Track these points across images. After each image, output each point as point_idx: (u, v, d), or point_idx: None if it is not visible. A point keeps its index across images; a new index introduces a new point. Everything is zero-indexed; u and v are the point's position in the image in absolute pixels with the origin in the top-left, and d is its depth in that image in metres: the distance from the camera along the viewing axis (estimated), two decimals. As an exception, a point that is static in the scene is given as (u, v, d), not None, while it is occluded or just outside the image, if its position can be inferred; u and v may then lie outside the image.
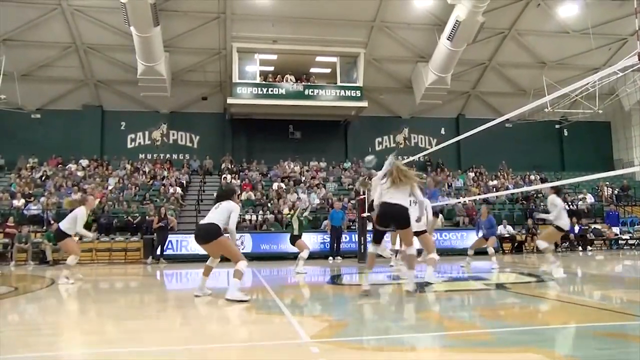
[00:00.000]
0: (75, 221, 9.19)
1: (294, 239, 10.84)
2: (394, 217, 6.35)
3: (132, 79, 21.44)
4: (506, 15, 21.64)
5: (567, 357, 3.31)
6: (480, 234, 11.60)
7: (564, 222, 8.71)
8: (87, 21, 20.52)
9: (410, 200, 6.57)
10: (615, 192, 23.22)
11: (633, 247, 19.32)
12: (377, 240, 6.57)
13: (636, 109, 24.47)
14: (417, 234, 7.50)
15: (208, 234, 6.37)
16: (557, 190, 9.10)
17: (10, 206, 17.94)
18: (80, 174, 21.39)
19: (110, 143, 23.79)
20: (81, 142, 23.07)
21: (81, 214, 9.23)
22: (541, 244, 8.82)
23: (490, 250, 11.37)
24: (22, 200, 18.27)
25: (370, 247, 6.61)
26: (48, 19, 20.27)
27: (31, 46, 20.97)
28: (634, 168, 9.81)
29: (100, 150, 23.56)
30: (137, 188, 20.61)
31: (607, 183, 23.42)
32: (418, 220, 6.94)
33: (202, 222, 6.67)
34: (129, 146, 24.19)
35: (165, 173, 22.10)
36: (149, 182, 21.37)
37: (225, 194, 6.78)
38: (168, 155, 24.14)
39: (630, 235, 19.82)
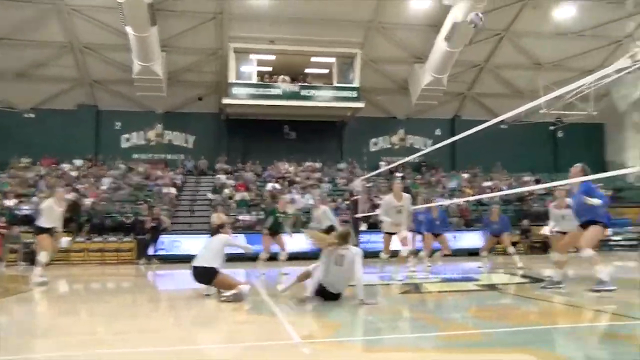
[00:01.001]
0: (40, 214, 8.95)
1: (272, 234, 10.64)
2: None
3: (128, 78, 21.35)
4: (503, 16, 21.67)
5: (560, 357, 3.30)
6: (485, 233, 11.72)
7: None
8: (84, 20, 20.43)
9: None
10: (609, 193, 23.28)
11: (625, 248, 19.39)
12: None
13: (630, 111, 24.56)
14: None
15: (205, 278, 6.48)
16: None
17: (2, 206, 17.83)
18: (74, 173, 21.28)
19: (105, 143, 23.69)
20: (75, 141, 22.91)
21: (46, 206, 8.95)
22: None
23: (511, 249, 11.54)
24: (15, 200, 18.16)
25: None
26: (44, 18, 20.17)
27: (26, 45, 20.83)
28: (626, 170, 9.82)
29: (94, 150, 23.45)
30: (131, 188, 20.52)
31: (600, 185, 23.45)
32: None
33: (196, 263, 6.61)
34: (124, 146, 24.10)
35: (160, 173, 22.03)
36: (143, 182, 21.28)
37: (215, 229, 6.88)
38: (163, 156, 24.06)
39: (623, 236, 19.89)
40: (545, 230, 10.18)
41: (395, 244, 9.30)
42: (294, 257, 11.61)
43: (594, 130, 27.36)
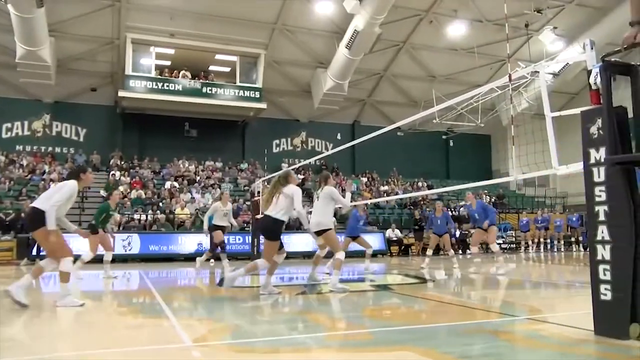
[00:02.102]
0: None
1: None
2: None
3: (10, 62, 19.58)
4: (402, 29, 22.69)
5: (440, 353, 3.52)
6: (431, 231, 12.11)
7: None
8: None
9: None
10: (493, 200, 25.23)
11: (505, 250, 21.07)
12: None
13: (511, 124, 26.73)
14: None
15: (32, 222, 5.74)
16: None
17: None
18: (-57, 164, 19.19)
19: (-18, 132, 21.62)
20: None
21: None
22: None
23: (451, 252, 12.01)
24: None
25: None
26: None
27: None
28: (508, 178, 10.83)
29: (-32, 139, 21.32)
30: (12, 182, 18.90)
31: (486, 191, 25.37)
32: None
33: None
34: (4, 136, 22.13)
35: (47, 167, 20.49)
36: (26, 176, 19.69)
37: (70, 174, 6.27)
38: (50, 148, 22.42)
39: (504, 240, 21.61)
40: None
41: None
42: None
43: (482, 141, 29.55)
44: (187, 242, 16.51)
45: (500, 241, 21.54)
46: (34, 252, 14.51)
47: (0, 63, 20.44)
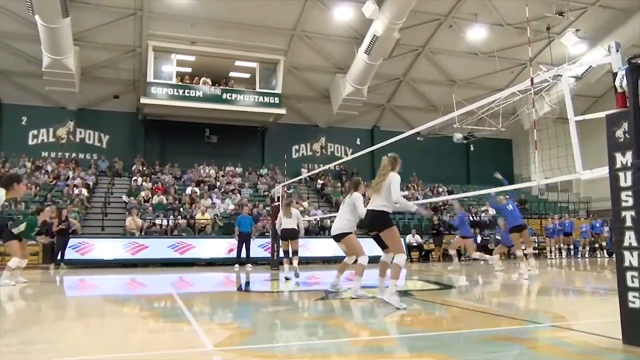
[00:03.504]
0: None
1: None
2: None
3: (37, 71, 20.08)
4: (421, 33, 22.63)
5: (461, 361, 3.48)
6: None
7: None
8: (-16, 5, 18.99)
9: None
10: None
11: (527, 256, 20.70)
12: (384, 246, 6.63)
13: (533, 129, 26.41)
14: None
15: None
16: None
17: None
18: (-29, 171, 19.66)
19: (9, 139, 22.09)
20: (-27, 136, 21.23)
21: None
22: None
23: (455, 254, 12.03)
24: None
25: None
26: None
27: None
28: (530, 183, 10.59)
29: (-4, 146, 21.81)
30: (37, 188, 19.28)
31: (508, 196, 25.01)
32: None
33: None
34: (31, 143, 22.62)
35: (71, 173, 20.86)
36: (51, 182, 20.08)
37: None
38: (74, 155, 22.83)
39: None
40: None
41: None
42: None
43: (502, 146, 29.20)
44: (208, 247, 16.64)
45: (523, 246, 21.25)
46: (59, 256, 14.82)
47: (28, 72, 20.92)
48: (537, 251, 21.32)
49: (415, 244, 19.22)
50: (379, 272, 6.70)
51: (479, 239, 19.83)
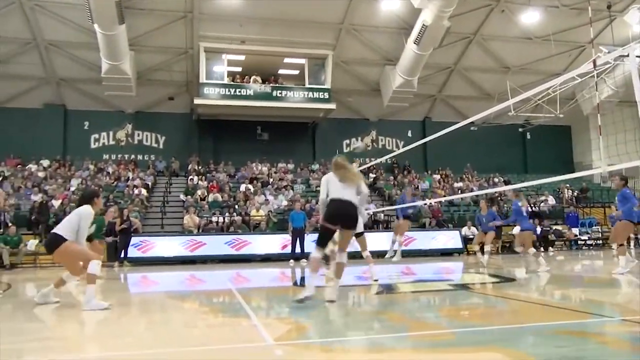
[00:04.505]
0: None
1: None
2: (346, 215, 5.86)
3: (96, 77, 20.97)
4: (471, 20, 22.06)
5: (526, 355, 3.37)
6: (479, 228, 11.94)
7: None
8: (48, 17, 19.97)
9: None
10: (575, 194, 23.92)
11: (591, 247, 19.92)
12: (325, 243, 6.02)
13: (594, 113, 25.27)
14: (357, 235, 7.55)
15: (49, 245, 5.98)
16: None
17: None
18: (41, 174, 20.76)
19: (73, 143, 23.21)
20: (42, 141, 22.40)
21: None
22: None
23: (487, 247, 11.60)
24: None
25: (317, 252, 5.92)
26: (5, 14, 19.60)
27: (-12, 42, 20.26)
28: (592, 170, 10.13)
29: (62, 150, 22.96)
30: (100, 189, 20.12)
31: (568, 185, 24.10)
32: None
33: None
34: (93, 146, 23.66)
35: (130, 174, 21.67)
36: (113, 183, 20.92)
37: (83, 198, 6.24)
38: (133, 156, 23.71)
39: (589, 236, 20.43)
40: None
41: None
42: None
43: (561, 132, 28.08)
44: (263, 243, 16.89)
45: (585, 237, 20.46)
46: (122, 255, 15.45)
47: (89, 79, 21.88)
48: (600, 242, 20.44)
49: (471, 237, 18.76)
50: (337, 274, 6.07)
51: (538, 229, 19.19)
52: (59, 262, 5.89)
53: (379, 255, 16.65)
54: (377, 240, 16.74)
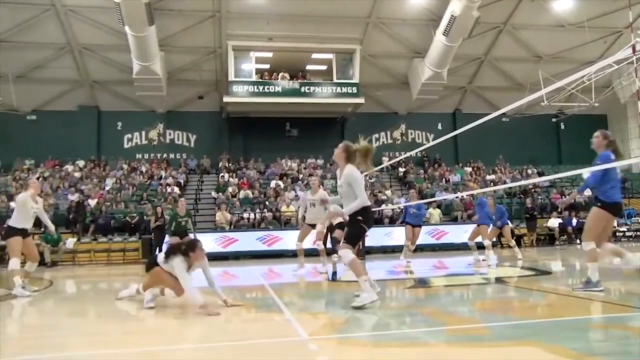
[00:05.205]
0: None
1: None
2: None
3: (128, 78, 21.38)
4: (501, 9, 21.63)
5: (567, 349, 3.30)
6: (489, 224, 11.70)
7: None
8: (81, 21, 20.46)
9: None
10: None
11: (631, 238, 19.35)
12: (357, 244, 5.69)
13: (631, 101, 24.49)
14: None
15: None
16: None
17: (7, 208, 17.86)
18: (77, 174, 21.35)
19: (107, 143, 23.75)
20: (77, 143, 23.00)
21: (21, 201, 7.57)
22: None
23: (487, 242, 11.31)
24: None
25: (350, 252, 5.42)
26: (41, 20, 20.19)
27: (25, 47, 20.86)
28: (631, 160, 9.78)
29: (97, 150, 23.52)
30: (134, 188, 20.58)
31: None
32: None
33: None
34: (126, 146, 24.15)
35: (163, 173, 22.07)
36: (146, 181, 21.34)
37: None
38: (165, 155, 24.11)
39: (628, 227, 19.86)
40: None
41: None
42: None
43: (596, 122, 27.13)
44: (294, 239, 16.91)
45: (624, 228, 19.88)
46: (157, 251, 15.75)
47: (120, 80, 22.33)
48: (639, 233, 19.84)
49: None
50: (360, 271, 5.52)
51: (574, 222, 18.77)
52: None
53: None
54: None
